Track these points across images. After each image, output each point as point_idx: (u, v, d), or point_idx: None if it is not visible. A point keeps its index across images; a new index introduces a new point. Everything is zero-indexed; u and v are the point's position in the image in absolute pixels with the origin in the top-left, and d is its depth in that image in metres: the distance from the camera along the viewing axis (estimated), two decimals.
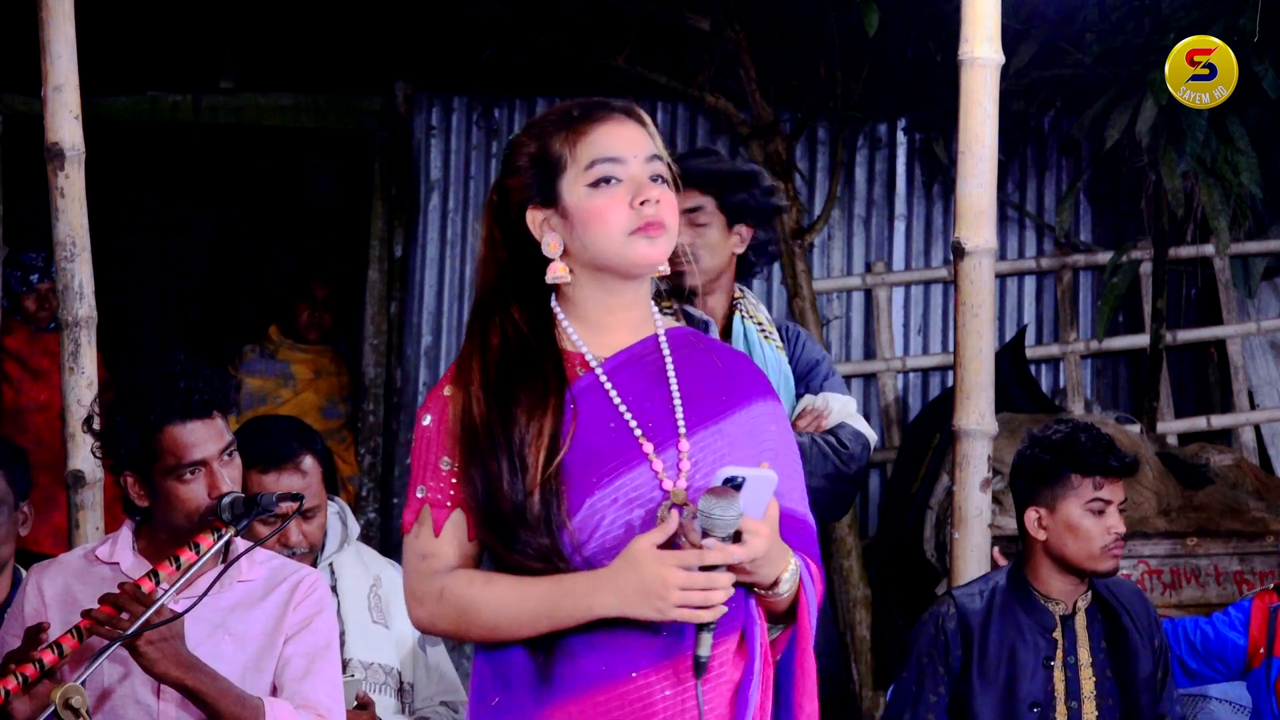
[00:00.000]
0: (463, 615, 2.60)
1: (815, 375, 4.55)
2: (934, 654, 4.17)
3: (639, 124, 2.73)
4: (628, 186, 2.67)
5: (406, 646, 4.20)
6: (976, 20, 4.44)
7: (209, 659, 3.41)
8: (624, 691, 2.55)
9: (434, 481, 2.65)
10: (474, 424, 2.62)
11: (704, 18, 6.76)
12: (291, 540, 4.03)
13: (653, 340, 2.73)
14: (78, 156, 4.25)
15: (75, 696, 3.14)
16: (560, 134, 2.70)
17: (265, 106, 7.59)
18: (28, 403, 6.59)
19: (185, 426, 3.44)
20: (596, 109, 2.72)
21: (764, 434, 2.72)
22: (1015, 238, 7.55)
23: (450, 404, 2.66)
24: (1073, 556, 4.16)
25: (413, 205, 7.42)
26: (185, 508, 3.45)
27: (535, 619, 2.56)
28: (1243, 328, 7.44)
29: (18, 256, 6.66)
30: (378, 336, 7.47)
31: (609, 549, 2.57)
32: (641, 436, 2.63)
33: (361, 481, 7.39)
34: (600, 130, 2.69)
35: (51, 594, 3.51)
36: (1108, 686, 4.16)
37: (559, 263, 2.68)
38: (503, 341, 2.67)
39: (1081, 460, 4.16)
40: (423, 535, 2.65)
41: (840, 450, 4.39)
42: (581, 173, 2.67)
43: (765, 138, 6.80)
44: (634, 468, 2.61)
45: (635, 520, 2.58)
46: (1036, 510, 4.19)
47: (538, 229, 2.70)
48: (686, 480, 2.61)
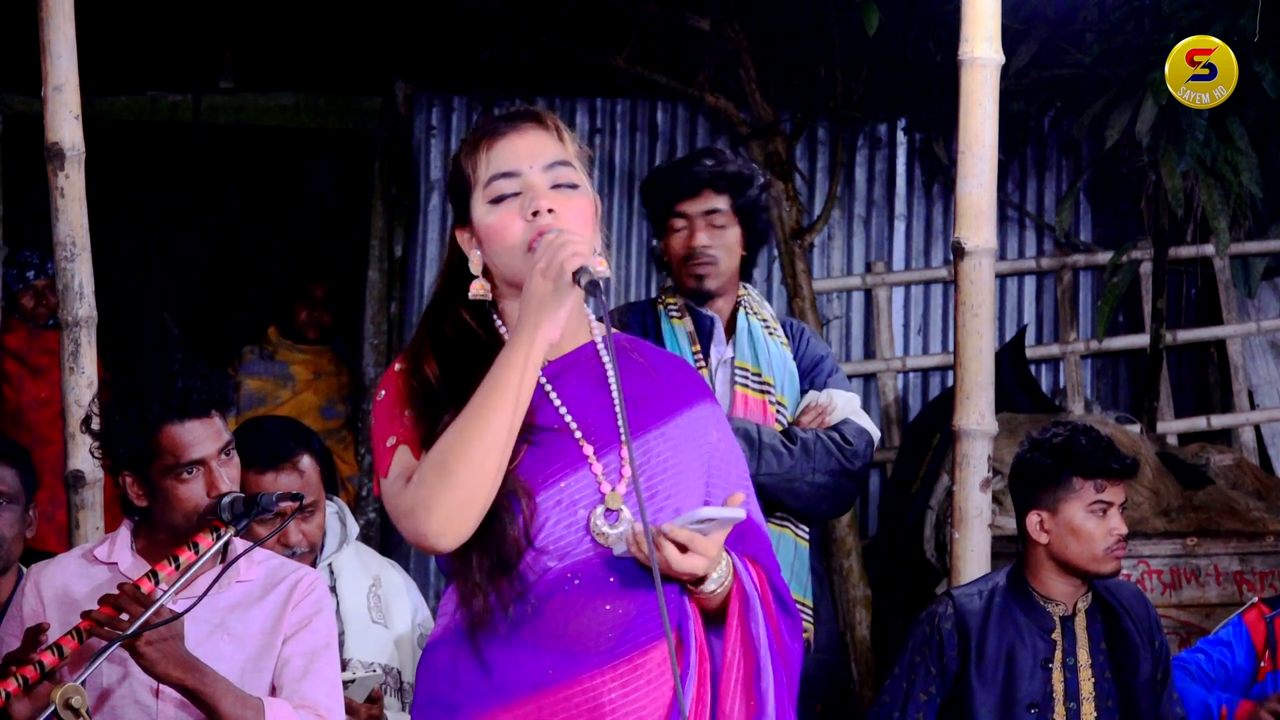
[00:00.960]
0: (441, 467, 2.56)
1: (819, 371, 4.56)
2: (926, 653, 4.17)
3: (542, 129, 2.73)
4: (523, 199, 2.68)
5: (407, 646, 4.21)
6: (976, 20, 4.44)
7: (208, 659, 3.41)
8: (570, 694, 2.56)
9: (400, 430, 2.66)
10: (429, 383, 2.67)
11: (704, 18, 6.76)
12: (291, 540, 4.04)
13: (590, 346, 2.75)
14: (78, 156, 4.25)
15: (75, 697, 3.15)
16: (468, 154, 2.74)
17: (265, 106, 7.59)
18: (28, 400, 6.59)
19: (183, 426, 3.45)
20: (499, 123, 2.74)
21: (706, 437, 2.76)
22: (1015, 238, 7.55)
23: (403, 375, 2.71)
24: (1075, 559, 4.16)
25: (413, 205, 7.41)
26: (184, 507, 3.45)
27: (492, 407, 2.55)
28: (1243, 328, 7.44)
29: (14, 255, 6.68)
30: (378, 336, 7.46)
31: (557, 547, 2.60)
32: (582, 439, 2.65)
33: (361, 481, 7.38)
34: (499, 145, 2.71)
35: (50, 594, 3.51)
36: (1107, 688, 4.16)
37: (480, 280, 2.71)
38: (454, 331, 2.72)
39: (1082, 463, 4.16)
40: (400, 462, 2.64)
41: (844, 447, 4.41)
42: (483, 190, 2.70)
43: (765, 138, 6.80)
44: (576, 470, 2.64)
45: (580, 521, 2.62)
46: (1038, 514, 4.19)
47: (465, 246, 2.74)
48: (627, 485, 2.64)
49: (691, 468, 2.71)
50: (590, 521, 2.62)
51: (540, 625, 2.57)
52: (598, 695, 2.55)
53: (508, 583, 2.59)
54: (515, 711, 2.56)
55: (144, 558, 3.51)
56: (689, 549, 2.57)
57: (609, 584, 2.60)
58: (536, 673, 2.56)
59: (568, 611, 2.59)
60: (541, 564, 2.60)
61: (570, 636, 2.57)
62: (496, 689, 2.57)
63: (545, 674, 2.56)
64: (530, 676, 2.56)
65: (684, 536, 2.56)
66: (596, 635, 2.57)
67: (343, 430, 7.35)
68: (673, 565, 2.56)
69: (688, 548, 2.57)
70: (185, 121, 7.50)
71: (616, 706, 2.56)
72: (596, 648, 2.57)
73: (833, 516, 5.73)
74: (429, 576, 7.28)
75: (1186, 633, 5.86)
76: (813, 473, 4.37)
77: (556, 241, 2.59)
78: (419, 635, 4.23)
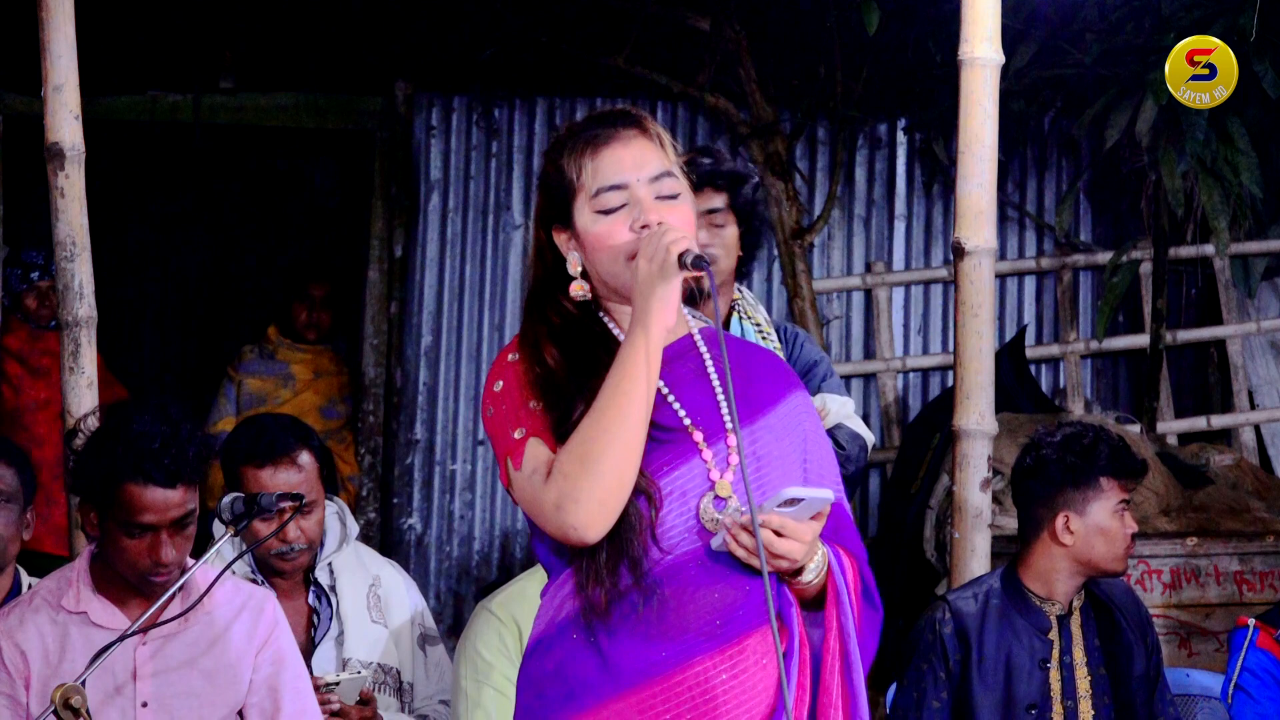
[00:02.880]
0: (584, 460, 2.60)
1: (813, 376, 4.55)
2: (933, 659, 4.16)
3: (648, 139, 2.78)
4: (630, 210, 2.72)
5: (406, 646, 4.21)
6: (976, 20, 4.44)
7: (182, 695, 3.48)
8: (682, 679, 2.62)
9: (529, 421, 2.69)
10: (552, 372, 2.71)
11: (704, 18, 6.76)
12: (290, 536, 4.04)
13: (689, 339, 2.82)
14: (78, 156, 4.25)
15: (75, 696, 3.15)
16: (571, 158, 2.77)
17: (265, 106, 7.59)
18: (28, 401, 6.59)
19: (145, 489, 3.44)
20: (605, 130, 2.77)
21: (801, 425, 2.82)
22: (1015, 238, 7.55)
23: (520, 365, 2.74)
24: (1100, 559, 4.15)
25: (413, 205, 7.42)
26: (126, 558, 3.48)
27: (625, 396, 2.61)
28: (1243, 328, 7.44)
29: (18, 255, 6.67)
30: (378, 336, 7.46)
31: (670, 536, 2.66)
32: (692, 427, 2.72)
33: (361, 481, 7.38)
34: (606, 154, 2.75)
35: (31, 650, 3.50)
36: (1103, 685, 4.16)
37: (579, 281, 2.76)
38: (563, 320, 2.77)
39: (1110, 464, 4.16)
40: (536, 456, 2.66)
41: (838, 453, 4.38)
42: (589, 199, 2.75)
43: (765, 138, 6.80)
44: (688, 460, 2.70)
45: (691, 510, 2.68)
46: (1065, 514, 4.17)
47: (563, 248, 2.79)
48: (735, 473, 2.70)
49: (791, 456, 2.77)
50: (700, 509, 2.68)
51: (652, 614, 2.63)
52: (709, 679, 2.62)
53: (631, 573, 2.64)
54: (631, 699, 2.62)
55: (106, 597, 3.53)
56: (783, 534, 2.61)
57: (715, 571, 2.66)
58: (650, 661, 2.62)
59: (679, 600, 2.64)
60: (655, 553, 2.66)
61: (680, 624, 2.63)
62: (613, 678, 2.63)
63: (658, 661, 2.62)
64: (644, 664, 2.62)
65: (777, 522, 2.61)
66: (704, 622, 2.63)
67: (343, 430, 7.34)
68: (770, 548, 2.61)
69: (781, 532, 2.61)
70: (185, 121, 7.49)
71: (728, 688, 2.62)
72: (705, 633, 2.63)
73: None
74: (429, 577, 7.30)
75: (1186, 633, 5.86)
76: None
77: (659, 230, 2.67)
78: (418, 635, 4.23)
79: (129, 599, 3.53)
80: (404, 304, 7.43)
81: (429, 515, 7.37)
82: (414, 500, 7.36)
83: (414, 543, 7.35)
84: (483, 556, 7.40)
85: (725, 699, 2.62)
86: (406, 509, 7.37)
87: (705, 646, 2.63)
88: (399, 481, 7.37)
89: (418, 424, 7.41)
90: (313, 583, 4.16)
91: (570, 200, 2.76)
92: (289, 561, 4.08)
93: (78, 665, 3.42)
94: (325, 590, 4.16)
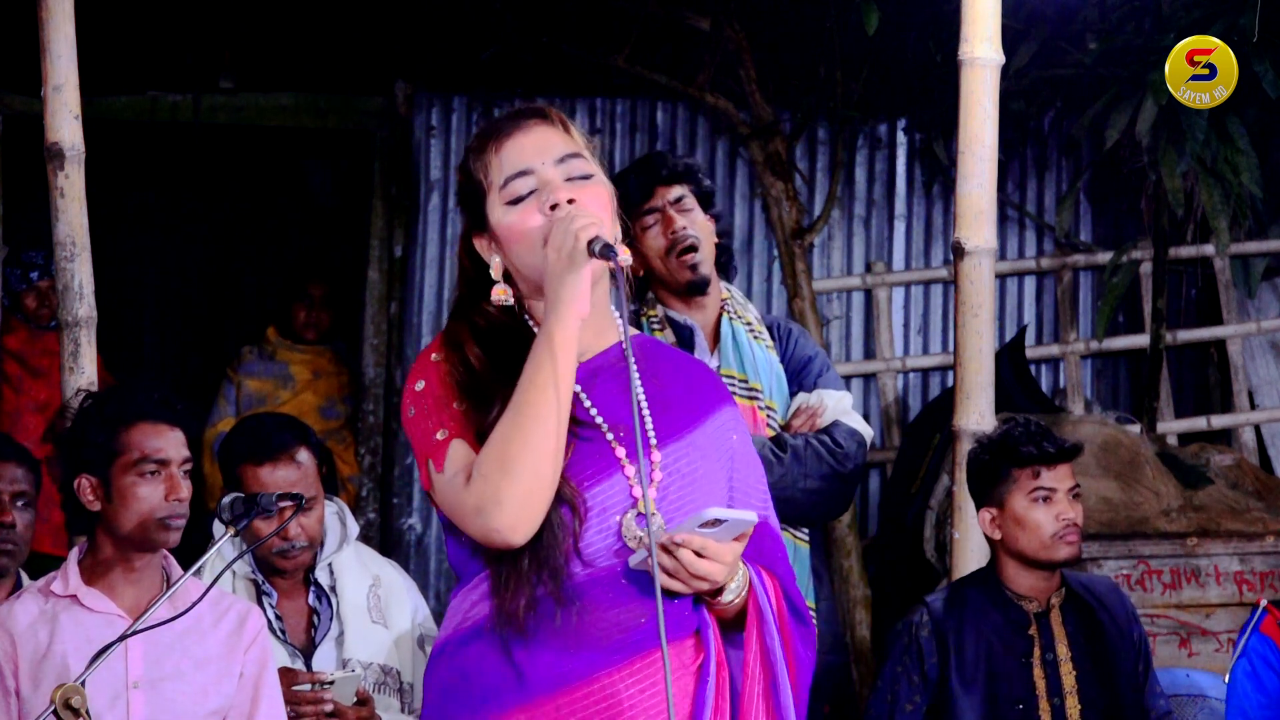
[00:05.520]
0: (502, 461, 2.55)
1: (808, 372, 4.55)
2: (907, 663, 4.16)
3: (549, 125, 2.73)
4: (540, 195, 2.68)
5: (406, 646, 4.20)
6: (976, 20, 4.45)
7: (170, 679, 3.51)
8: (589, 691, 2.58)
9: (452, 423, 2.65)
10: (476, 373, 2.66)
11: (704, 18, 6.75)
12: (291, 534, 4.04)
13: (617, 348, 2.75)
14: (78, 156, 4.25)
15: (75, 696, 3.15)
16: (476, 160, 2.74)
17: (265, 106, 7.59)
18: (27, 402, 6.60)
19: (154, 425, 3.53)
20: (502, 124, 2.74)
21: (727, 441, 2.77)
22: (1015, 238, 7.55)
23: (444, 365, 2.69)
24: (1027, 549, 4.15)
25: (413, 205, 7.41)
26: (140, 507, 3.50)
27: (539, 392, 2.56)
28: (1243, 328, 7.44)
29: (18, 255, 6.67)
30: (378, 336, 7.46)
31: (589, 550, 2.62)
32: (614, 442, 2.67)
33: (361, 481, 7.38)
34: (507, 146, 2.71)
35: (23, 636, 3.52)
36: (1089, 681, 4.15)
37: (501, 284, 2.72)
38: (488, 322, 2.73)
39: (1015, 452, 4.16)
40: (457, 458, 2.62)
41: (835, 450, 4.39)
42: (498, 194, 2.70)
43: (765, 138, 6.80)
44: (610, 475, 2.65)
45: (612, 526, 2.64)
46: (988, 510, 4.20)
47: (484, 253, 2.75)
48: (658, 490, 2.66)
49: (716, 474, 2.73)
50: (623, 526, 2.64)
51: (567, 625, 2.59)
52: (615, 693, 2.58)
53: (551, 584, 2.60)
54: (538, 708, 2.58)
55: (93, 585, 3.55)
56: (704, 554, 2.57)
57: (629, 588, 2.62)
58: (559, 671, 2.58)
59: (593, 613, 2.61)
60: (576, 566, 2.62)
61: (592, 637, 2.59)
62: (521, 686, 2.59)
63: (566, 672, 2.58)
64: (554, 674, 2.59)
65: (698, 543, 2.57)
66: (615, 635, 2.60)
67: (343, 430, 7.35)
68: (689, 569, 2.57)
69: (702, 553, 2.58)
70: (185, 121, 7.49)
71: (635, 703, 2.58)
72: (614, 646, 2.59)
73: (828, 520, 5.73)
74: (429, 577, 7.29)
75: (1186, 633, 5.85)
76: (805, 479, 4.36)
77: (568, 216, 2.61)
78: (419, 635, 4.23)
79: (119, 588, 3.56)
80: (404, 304, 7.43)
81: (429, 515, 7.36)
82: (414, 500, 7.36)
83: (414, 543, 7.35)
84: None
85: (632, 712, 2.58)
86: (406, 509, 7.37)
87: (614, 659, 2.59)
88: (399, 481, 7.37)
89: None
90: (313, 583, 4.16)
91: (483, 201, 2.72)
92: (290, 559, 4.08)
93: (68, 649, 3.47)
94: (325, 590, 4.16)
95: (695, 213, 4.46)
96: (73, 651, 3.46)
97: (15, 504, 4.14)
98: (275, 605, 4.09)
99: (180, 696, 3.54)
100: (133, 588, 3.56)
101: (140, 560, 3.56)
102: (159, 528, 3.52)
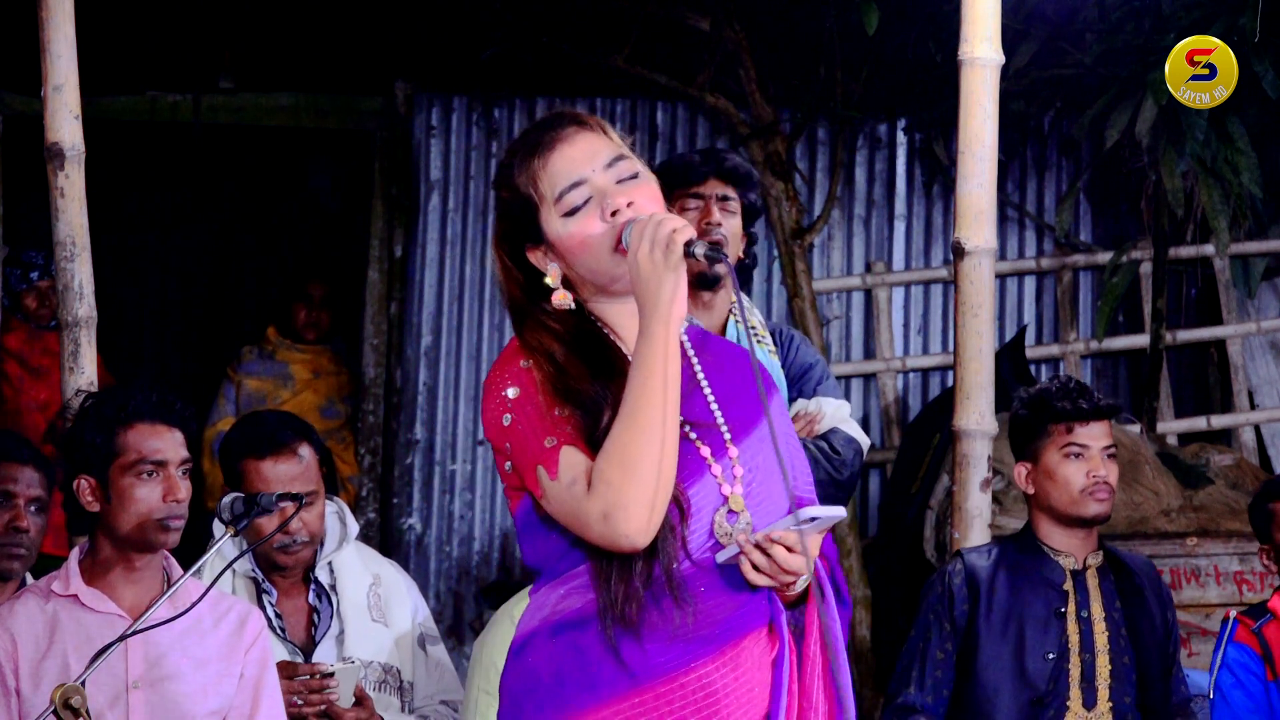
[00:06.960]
0: (626, 466, 2.59)
1: (809, 379, 4.55)
2: (940, 610, 4.24)
3: (591, 131, 2.76)
4: (597, 202, 2.70)
5: (406, 645, 4.21)
6: (976, 20, 4.45)
7: (171, 677, 3.50)
8: (687, 680, 2.64)
9: (559, 429, 2.66)
10: (571, 378, 2.68)
11: (704, 18, 6.76)
12: (292, 529, 4.04)
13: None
14: (78, 156, 4.25)
15: (75, 696, 3.15)
16: (523, 175, 2.74)
17: (265, 106, 7.59)
18: (28, 402, 6.60)
19: (153, 426, 3.53)
20: (544, 137, 2.75)
21: (784, 430, 2.82)
22: (1015, 238, 7.55)
23: (534, 371, 2.70)
24: (1057, 503, 4.21)
25: (413, 205, 7.42)
26: (138, 509, 3.50)
27: (652, 395, 2.60)
28: (1243, 328, 7.44)
29: (18, 255, 6.68)
30: (378, 336, 7.47)
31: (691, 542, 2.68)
32: (698, 441, 2.73)
33: (361, 481, 7.39)
34: (554, 158, 2.72)
35: (23, 635, 3.52)
36: (1123, 644, 4.20)
37: (560, 291, 2.74)
38: (564, 325, 2.75)
39: (1050, 408, 4.24)
40: (571, 465, 2.64)
41: (832, 456, 4.40)
42: (553, 207, 2.72)
43: (765, 138, 6.80)
44: (702, 476, 2.71)
45: (706, 521, 2.70)
46: (1023, 465, 4.28)
47: (540, 264, 2.76)
48: (744, 486, 2.73)
49: (777, 464, 2.77)
50: (715, 525, 2.70)
51: (669, 618, 2.65)
52: (711, 681, 2.65)
53: (664, 579, 2.65)
54: (639, 697, 2.64)
55: (93, 585, 3.56)
56: (795, 550, 2.64)
57: (719, 580, 2.69)
58: (660, 661, 2.64)
59: (692, 606, 2.66)
60: (682, 563, 2.68)
61: (690, 628, 2.65)
62: (624, 676, 2.64)
63: (668, 662, 2.64)
64: (656, 664, 2.64)
65: (793, 540, 2.63)
66: (708, 626, 2.66)
67: (343, 430, 7.35)
68: (782, 565, 2.64)
69: (794, 549, 2.64)
70: (185, 121, 7.50)
71: (729, 691, 2.66)
72: (707, 637, 2.66)
73: None
74: (429, 577, 7.30)
75: (1186, 633, 5.85)
76: None
77: (650, 222, 2.64)
78: (419, 635, 4.23)
79: (120, 588, 3.56)
80: (404, 304, 7.43)
81: (429, 515, 7.37)
82: (414, 500, 7.37)
83: (414, 543, 7.35)
84: (482, 556, 7.40)
85: (726, 699, 2.65)
86: (406, 509, 7.37)
87: (708, 649, 2.65)
88: (399, 481, 7.37)
89: (417, 424, 7.41)
90: (313, 581, 4.16)
91: (535, 215, 2.73)
92: (291, 555, 4.08)
93: (68, 648, 3.47)
94: (325, 589, 4.16)
95: (735, 219, 4.43)
96: (73, 651, 3.46)
97: (29, 509, 4.14)
98: (275, 603, 4.09)
99: (180, 697, 3.54)
100: (133, 588, 3.56)
101: (140, 560, 3.56)
102: (157, 529, 3.52)
